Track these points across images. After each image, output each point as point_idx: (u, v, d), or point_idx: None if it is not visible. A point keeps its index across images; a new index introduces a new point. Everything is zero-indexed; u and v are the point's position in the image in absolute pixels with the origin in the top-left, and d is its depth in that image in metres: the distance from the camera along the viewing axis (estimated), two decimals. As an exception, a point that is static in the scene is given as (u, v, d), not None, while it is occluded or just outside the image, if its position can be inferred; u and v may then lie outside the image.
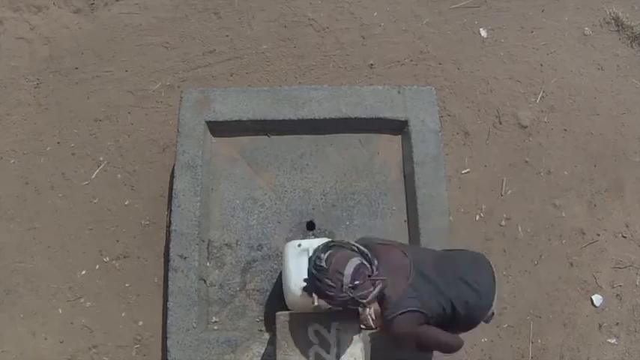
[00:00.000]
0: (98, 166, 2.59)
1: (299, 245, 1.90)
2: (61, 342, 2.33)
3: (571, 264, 2.57)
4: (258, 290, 2.14)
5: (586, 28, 3.02)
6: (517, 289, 2.50)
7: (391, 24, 2.94)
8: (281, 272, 2.11)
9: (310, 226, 2.23)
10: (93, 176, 2.58)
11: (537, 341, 2.43)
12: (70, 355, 2.31)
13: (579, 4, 3.07)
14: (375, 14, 2.95)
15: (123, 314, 2.37)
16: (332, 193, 2.27)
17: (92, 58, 2.80)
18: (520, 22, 3.00)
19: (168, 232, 2.29)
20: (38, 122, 2.67)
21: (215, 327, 2.09)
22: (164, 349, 2.11)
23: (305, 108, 2.30)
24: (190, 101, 2.28)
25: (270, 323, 2.08)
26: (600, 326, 2.49)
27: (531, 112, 2.81)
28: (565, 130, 2.79)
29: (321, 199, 2.26)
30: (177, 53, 2.82)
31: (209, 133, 2.29)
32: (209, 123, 2.27)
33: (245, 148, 2.32)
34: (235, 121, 2.28)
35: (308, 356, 1.70)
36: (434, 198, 2.21)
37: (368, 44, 2.89)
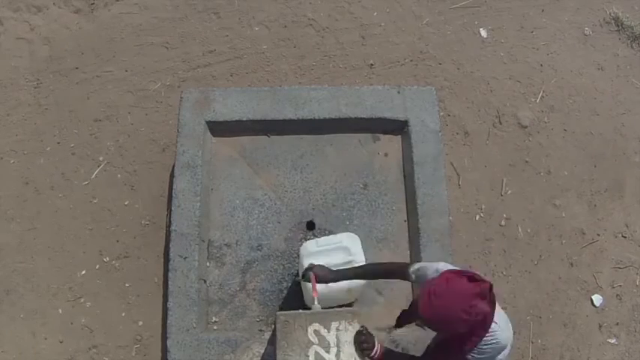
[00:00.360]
0: (98, 166, 2.59)
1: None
2: (61, 342, 2.32)
3: (571, 264, 2.56)
4: (258, 290, 2.14)
5: (586, 28, 3.02)
6: (517, 289, 2.50)
7: (391, 24, 2.94)
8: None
9: (310, 226, 2.23)
10: (93, 176, 2.58)
11: (537, 341, 2.43)
12: (70, 355, 2.31)
13: (579, 4, 3.07)
14: (375, 14, 2.95)
15: (123, 314, 2.37)
16: (332, 193, 2.27)
17: (92, 58, 2.80)
18: (520, 22, 3.00)
19: (168, 232, 2.29)
20: (38, 122, 2.67)
21: (215, 327, 2.09)
22: (164, 349, 2.11)
23: (305, 108, 2.30)
24: (190, 101, 2.28)
25: (270, 323, 2.08)
26: (600, 326, 2.49)
27: (531, 112, 2.80)
28: (565, 130, 2.79)
29: (321, 199, 2.26)
30: (177, 53, 2.82)
31: (209, 133, 2.29)
32: (209, 123, 2.27)
33: (245, 148, 2.31)
34: (235, 121, 2.28)
35: (308, 356, 1.70)
36: (434, 198, 2.21)
37: (368, 44, 2.89)
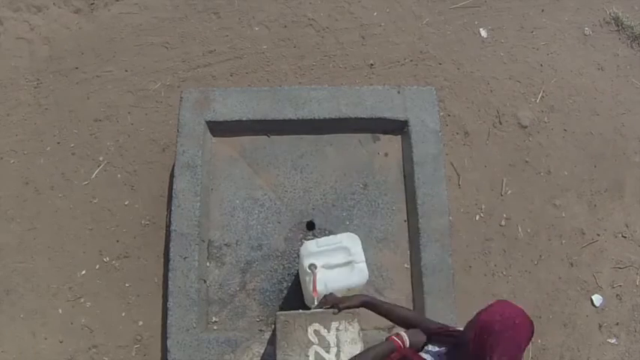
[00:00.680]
0: (98, 166, 2.59)
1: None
2: (61, 342, 2.32)
3: (571, 264, 2.56)
4: (258, 290, 2.14)
5: (586, 28, 3.02)
6: (517, 289, 2.50)
7: (391, 24, 2.94)
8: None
9: (310, 226, 2.23)
10: (93, 176, 2.58)
11: (537, 341, 2.43)
12: (70, 355, 2.31)
13: (579, 4, 3.07)
14: (375, 14, 2.95)
15: (123, 314, 2.37)
16: (332, 193, 2.27)
17: (92, 58, 2.80)
18: (520, 22, 3.00)
19: (168, 232, 2.29)
20: (38, 122, 2.67)
21: (215, 327, 2.09)
22: (164, 349, 2.11)
23: (305, 108, 2.30)
24: (190, 101, 2.28)
25: (270, 323, 2.08)
26: (600, 326, 2.49)
27: (531, 112, 2.80)
28: (565, 130, 2.79)
29: (321, 199, 2.26)
30: (177, 53, 2.82)
31: (209, 133, 2.29)
32: (209, 123, 2.27)
33: (245, 148, 2.31)
34: (235, 121, 2.28)
35: (308, 356, 1.70)
36: (434, 198, 2.21)
37: (368, 44, 2.89)
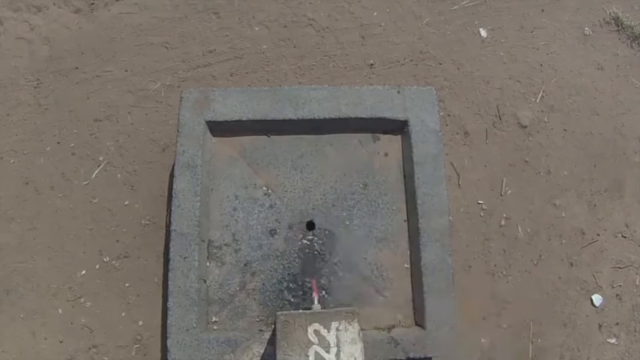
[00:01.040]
0: (98, 166, 2.60)
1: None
2: (61, 342, 2.33)
3: (571, 264, 2.57)
4: (258, 290, 2.14)
5: (586, 28, 3.02)
6: (517, 290, 2.50)
7: (391, 24, 2.94)
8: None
9: (310, 226, 2.23)
10: (93, 176, 2.58)
11: (537, 341, 2.43)
12: (70, 355, 2.31)
13: (579, 4, 3.07)
14: (375, 14, 2.95)
15: (123, 314, 2.37)
16: (332, 193, 2.27)
17: (92, 58, 2.80)
18: (520, 22, 3.00)
19: (168, 232, 2.29)
20: (38, 122, 2.67)
21: (215, 327, 2.09)
22: (164, 349, 2.11)
23: (305, 108, 2.30)
24: (190, 101, 2.28)
25: (270, 323, 2.08)
26: (600, 326, 2.49)
27: (531, 112, 2.81)
28: (565, 130, 2.79)
29: (321, 199, 2.26)
30: (177, 53, 2.82)
31: (209, 133, 2.29)
32: (209, 123, 2.27)
33: (245, 148, 2.32)
34: (235, 121, 2.28)
35: (308, 356, 1.70)
36: (434, 198, 2.21)
37: (368, 44, 2.89)
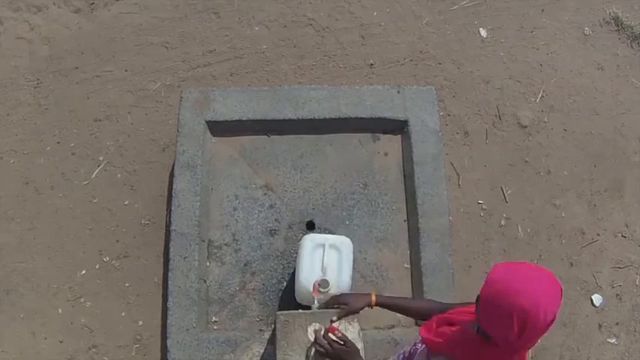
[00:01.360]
0: (98, 166, 2.59)
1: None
2: (61, 342, 2.32)
3: (571, 264, 2.56)
4: (258, 290, 2.14)
5: (586, 28, 3.02)
6: (517, 289, 2.50)
7: (391, 24, 2.94)
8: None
9: (310, 226, 2.23)
10: (93, 176, 2.58)
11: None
12: (70, 355, 2.31)
13: (579, 4, 3.07)
14: (375, 14, 2.95)
15: (123, 314, 2.37)
16: (332, 193, 2.27)
17: (92, 58, 2.80)
18: (520, 22, 3.00)
19: (168, 232, 2.29)
20: (38, 122, 2.67)
21: (215, 327, 2.09)
22: (164, 349, 2.11)
23: (305, 108, 2.30)
24: (190, 101, 2.28)
25: (270, 323, 2.08)
26: (600, 326, 2.49)
27: (531, 112, 2.81)
28: (565, 130, 2.79)
29: (321, 199, 2.26)
30: (177, 53, 2.82)
31: (209, 133, 2.29)
32: (209, 123, 2.27)
33: (245, 148, 2.31)
34: (235, 121, 2.28)
35: (308, 356, 1.70)
36: (434, 198, 2.20)
37: (368, 44, 2.89)
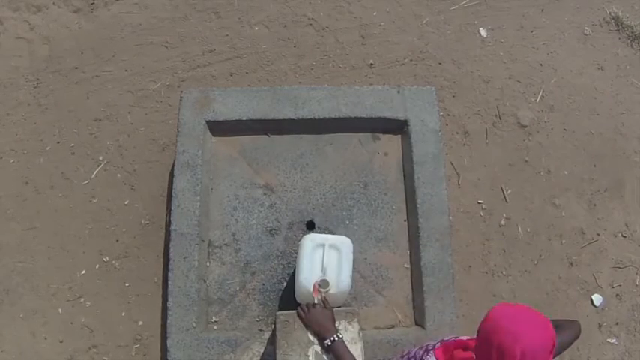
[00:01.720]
0: (98, 166, 2.60)
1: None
2: (61, 342, 2.33)
3: (571, 264, 2.57)
4: (258, 290, 2.14)
5: (586, 28, 3.02)
6: (517, 289, 2.50)
7: (391, 24, 2.94)
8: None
9: (310, 226, 2.23)
10: (93, 176, 2.58)
11: None
12: (70, 355, 2.31)
13: (579, 4, 3.07)
14: (375, 14, 2.95)
15: (123, 314, 2.37)
16: (332, 193, 2.27)
17: (92, 58, 2.80)
18: (520, 22, 3.00)
19: (168, 232, 2.29)
20: (38, 122, 2.67)
21: (215, 327, 2.09)
22: (164, 349, 2.11)
23: (305, 108, 2.30)
24: (190, 101, 2.28)
25: (270, 323, 2.08)
26: (600, 326, 2.49)
27: (531, 112, 2.81)
28: (565, 130, 2.79)
29: (321, 199, 2.26)
30: (177, 53, 2.82)
31: (209, 133, 2.29)
32: (209, 123, 2.27)
33: (245, 148, 2.31)
34: (235, 121, 2.28)
35: (308, 356, 1.70)
36: (434, 198, 2.20)
37: (368, 44, 2.89)
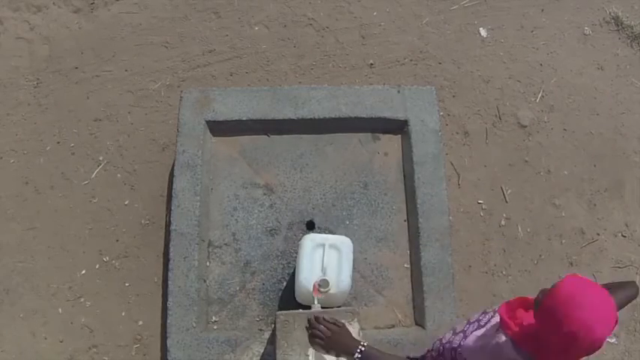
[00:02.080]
0: (98, 166, 2.59)
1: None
2: (61, 341, 2.33)
3: (571, 264, 2.56)
4: (258, 290, 2.14)
5: (586, 28, 3.02)
6: (517, 289, 2.50)
7: (391, 24, 2.94)
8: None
9: (310, 226, 2.23)
10: (93, 176, 2.58)
11: None
12: (70, 355, 2.31)
13: (579, 4, 3.07)
14: (375, 14, 2.95)
15: (123, 314, 2.37)
16: (332, 193, 2.27)
17: (92, 58, 2.80)
18: (520, 22, 3.00)
19: (168, 232, 2.29)
20: (38, 122, 2.67)
21: (215, 327, 2.09)
22: (164, 349, 2.11)
23: (305, 108, 2.30)
24: (190, 101, 2.28)
25: (270, 323, 2.08)
26: (600, 326, 2.49)
27: (531, 112, 2.81)
28: (565, 130, 2.79)
29: (321, 199, 2.26)
30: (177, 53, 2.82)
31: (209, 133, 2.29)
32: (209, 122, 2.27)
33: (245, 148, 2.31)
34: (235, 121, 2.28)
35: (308, 356, 1.70)
36: (434, 197, 2.20)
37: (368, 44, 2.89)
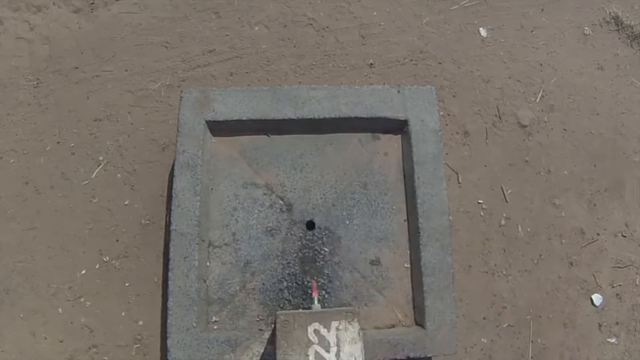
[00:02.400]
0: (98, 166, 2.60)
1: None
2: (61, 341, 2.33)
3: (571, 264, 2.57)
4: (258, 290, 2.14)
5: (586, 28, 3.02)
6: (517, 289, 2.50)
7: (391, 24, 2.94)
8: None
9: (310, 226, 2.23)
10: (93, 176, 2.58)
11: (537, 341, 2.43)
12: (70, 355, 2.31)
13: (579, 4, 3.07)
14: (375, 14, 2.95)
15: (123, 314, 2.37)
16: (332, 193, 2.27)
17: (92, 58, 2.80)
18: (520, 22, 3.00)
19: (168, 232, 2.29)
20: (38, 122, 2.67)
21: (215, 327, 2.09)
22: (164, 349, 2.12)
23: (305, 107, 2.30)
24: (190, 101, 2.28)
25: (270, 323, 2.08)
26: (600, 326, 2.49)
27: (531, 112, 2.81)
28: (565, 130, 2.80)
29: (321, 199, 2.26)
30: (177, 53, 2.82)
31: (209, 133, 2.29)
32: (209, 122, 2.27)
33: (245, 148, 2.32)
34: (235, 121, 2.28)
35: (308, 356, 1.70)
36: (434, 197, 2.21)
37: (368, 44, 2.89)
